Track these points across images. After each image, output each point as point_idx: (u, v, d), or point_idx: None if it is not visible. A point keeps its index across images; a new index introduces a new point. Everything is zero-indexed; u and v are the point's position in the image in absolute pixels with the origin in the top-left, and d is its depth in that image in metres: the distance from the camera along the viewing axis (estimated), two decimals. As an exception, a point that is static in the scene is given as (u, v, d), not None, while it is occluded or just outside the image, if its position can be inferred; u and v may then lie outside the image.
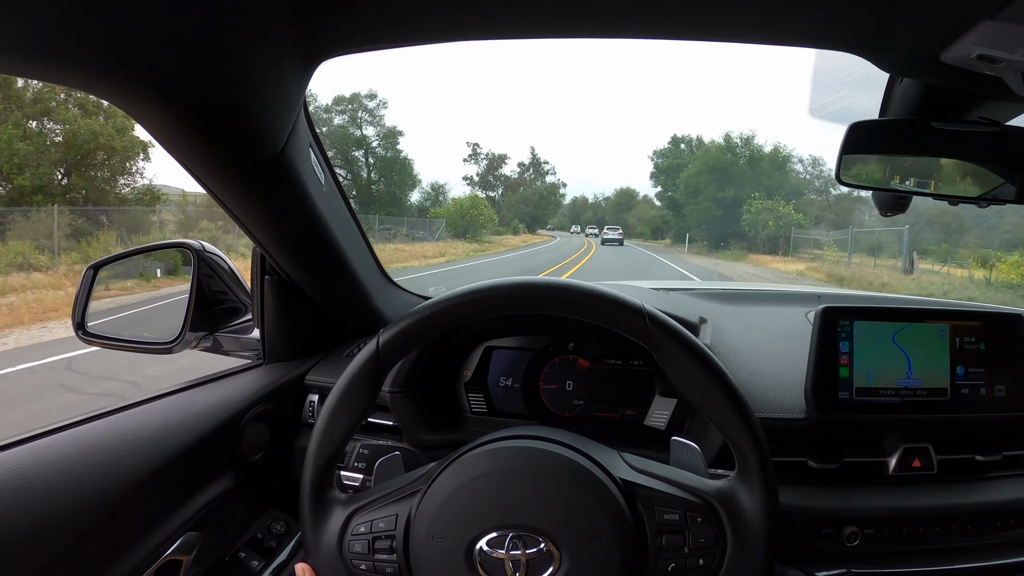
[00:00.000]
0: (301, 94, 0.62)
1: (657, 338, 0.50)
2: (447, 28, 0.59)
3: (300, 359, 0.90)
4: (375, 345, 0.53)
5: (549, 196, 50.31)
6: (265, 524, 0.79)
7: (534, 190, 49.04)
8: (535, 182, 50.16)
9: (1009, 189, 0.64)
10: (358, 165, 28.36)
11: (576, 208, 68.40)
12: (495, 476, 0.50)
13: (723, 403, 0.50)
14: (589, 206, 67.75)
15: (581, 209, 67.57)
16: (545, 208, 49.80)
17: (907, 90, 0.63)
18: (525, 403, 0.88)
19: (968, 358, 0.71)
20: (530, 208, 47.44)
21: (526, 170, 50.92)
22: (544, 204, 49.61)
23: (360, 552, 0.52)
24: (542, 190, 49.47)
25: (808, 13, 0.54)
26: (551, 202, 51.00)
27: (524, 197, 48.01)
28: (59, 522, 0.54)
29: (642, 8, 0.54)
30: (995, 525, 0.71)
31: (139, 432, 0.65)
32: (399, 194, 28.92)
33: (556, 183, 52.20)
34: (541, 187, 49.83)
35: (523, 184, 49.29)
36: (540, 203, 48.79)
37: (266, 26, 0.50)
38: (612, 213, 55.89)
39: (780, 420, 0.72)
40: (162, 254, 0.93)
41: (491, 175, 49.42)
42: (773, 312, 1.02)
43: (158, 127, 0.55)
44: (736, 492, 0.50)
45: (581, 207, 68.13)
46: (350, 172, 27.83)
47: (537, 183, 50.02)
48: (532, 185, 49.61)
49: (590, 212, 65.92)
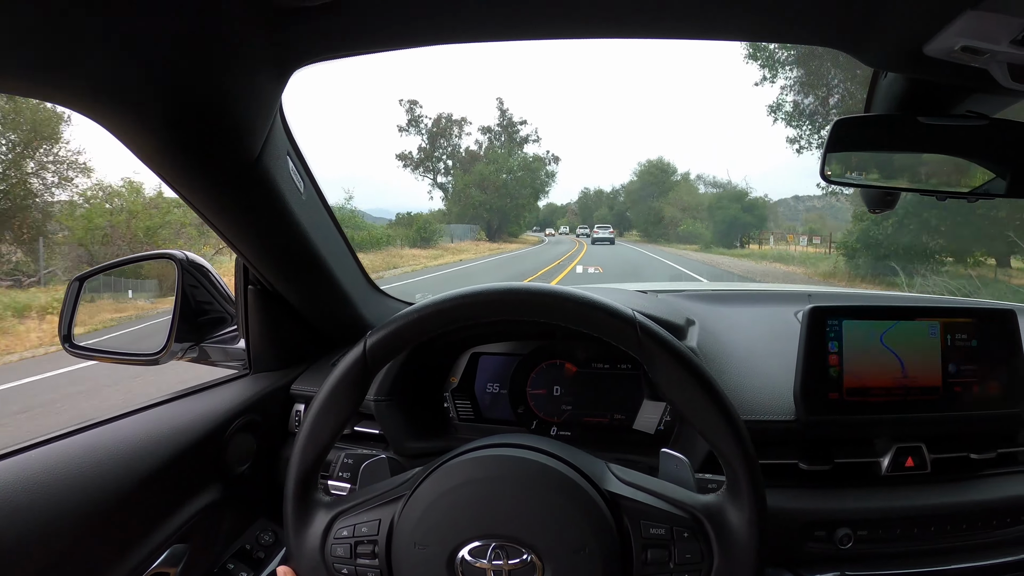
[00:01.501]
0: (276, 102, 0.62)
1: (648, 348, 0.50)
2: (424, 33, 0.58)
3: (286, 369, 0.89)
4: (362, 348, 0.52)
5: (529, 176, 31.97)
6: (253, 535, 0.79)
7: (502, 165, 30.94)
8: (508, 154, 32.35)
9: (999, 183, 0.62)
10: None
11: (588, 203, 61.82)
12: (479, 484, 0.50)
13: (713, 417, 0.49)
14: (605, 198, 59.65)
15: (595, 204, 60.77)
16: (521, 197, 31.40)
17: (892, 85, 0.62)
18: (513, 409, 0.87)
19: (960, 355, 0.70)
20: (494, 196, 29.92)
21: (495, 137, 34.13)
22: (519, 188, 31.05)
23: (342, 556, 0.52)
24: (516, 166, 31.57)
25: (790, 8, 0.53)
26: (533, 186, 32.25)
27: (482, 178, 29.52)
28: (42, 537, 0.54)
29: (622, 6, 0.53)
30: (990, 524, 0.70)
31: (123, 445, 0.65)
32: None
33: (544, 158, 33.99)
34: (517, 161, 32.06)
35: (491, 158, 31.66)
36: (514, 188, 30.70)
37: (240, 35, 0.50)
38: (638, 203, 41.89)
39: (770, 422, 0.71)
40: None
41: (438, 151, 32.85)
42: (762, 312, 1.01)
43: (131, 137, 0.54)
44: (724, 507, 0.50)
45: (595, 202, 61.38)
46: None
47: (512, 158, 32.37)
48: (503, 159, 31.80)
49: (604, 207, 57.42)
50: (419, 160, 34.25)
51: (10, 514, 0.53)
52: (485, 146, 34.66)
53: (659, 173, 40.99)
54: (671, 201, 35.00)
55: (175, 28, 0.45)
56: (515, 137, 35.04)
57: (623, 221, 50.69)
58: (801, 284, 2.40)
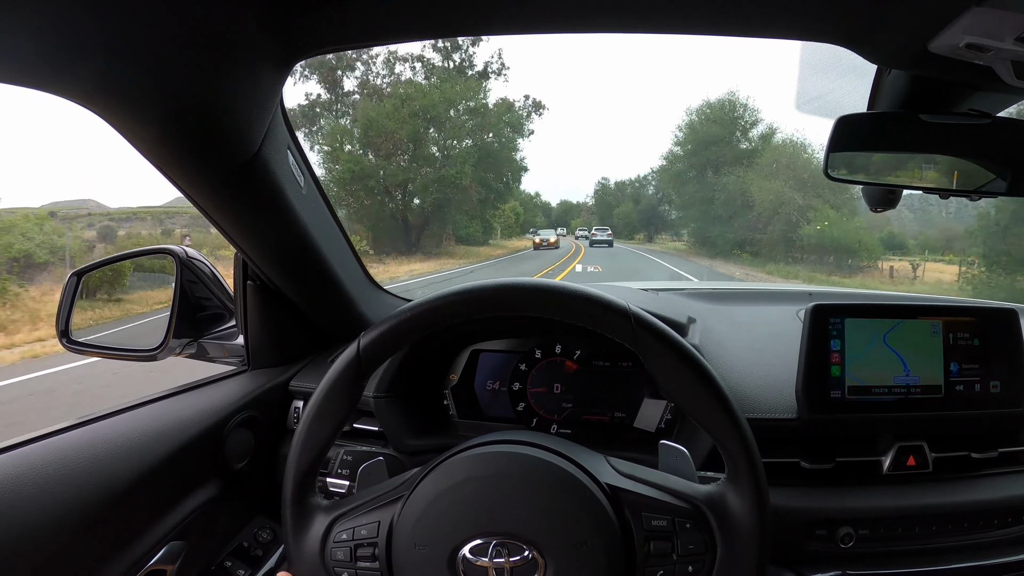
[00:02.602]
0: (277, 94, 0.62)
1: (643, 339, 0.49)
2: (426, 24, 0.58)
3: (285, 365, 0.89)
4: (356, 348, 0.52)
5: (497, 125, 17.92)
6: (251, 532, 0.79)
7: (433, 98, 16.56)
8: (452, 87, 17.15)
9: (1000, 182, 0.63)
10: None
11: (607, 198, 52.89)
12: (478, 482, 0.50)
13: (710, 405, 0.49)
14: (629, 189, 50.09)
15: (615, 199, 51.65)
16: (457, 188, 16.49)
17: (895, 82, 0.62)
18: (513, 407, 0.87)
19: (962, 354, 0.70)
20: (413, 162, 16.29)
21: (429, 72, 18.38)
22: (478, 152, 17.21)
23: (342, 560, 0.51)
24: (465, 97, 17.30)
25: (794, 5, 0.52)
26: (501, 158, 18.43)
27: (386, 118, 15.41)
28: (38, 533, 0.53)
29: (630, 1, 0.53)
30: (992, 523, 0.70)
31: (120, 440, 0.64)
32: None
33: (517, 107, 18.95)
34: (466, 91, 17.48)
35: (408, 92, 16.57)
36: (466, 153, 16.90)
37: (241, 27, 0.50)
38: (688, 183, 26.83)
39: (771, 420, 0.71)
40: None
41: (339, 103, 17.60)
42: (764, 311, 1.01)
43: (132, 131, 0.54)
44: (725, 497, 0.49)
45: (615, 196, 52.14)
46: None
47: (456, 84, 17.66)
48: (439, 89, 17.16)
49: (629, 202, 45.70)
50: (320, 108, 19.28)
51: (7, 509, 0.52)
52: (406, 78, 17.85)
53: (729, 123, 21.42)
54: (765, 169, 16.85)
55: (176, 22, 0.45)
56: (464, 59, 19.28)
57: (653, 220, 34.27)
58: (801, 285, 2.36)
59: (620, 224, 37.78)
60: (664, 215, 33.38)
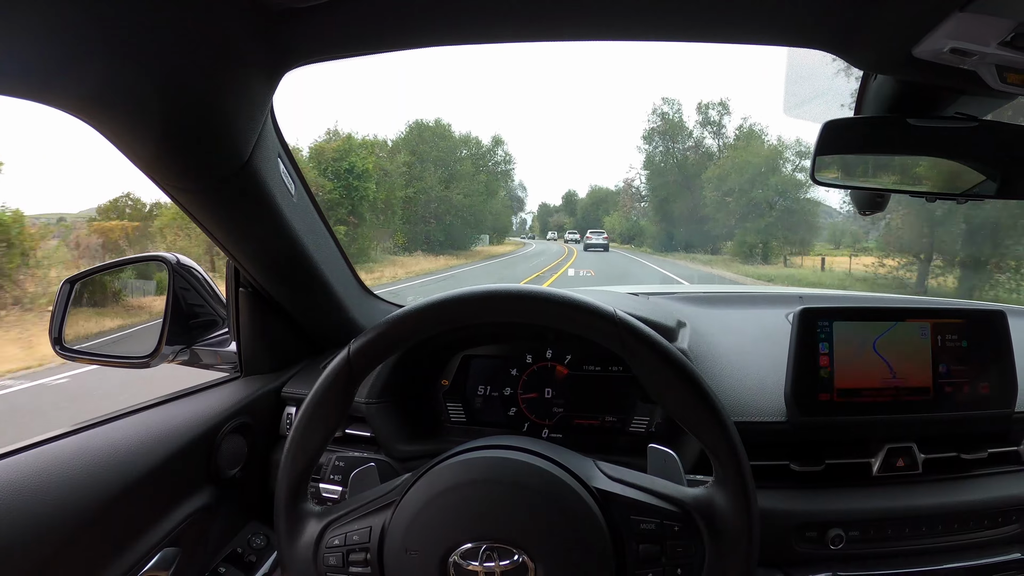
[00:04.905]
0: (267, 103, 0.62)
1: (630, 344, 0.50)
2: (416, 34, 0.58)
3: (277, 371, 0.89)
4: (346, 355, 0.52)
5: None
6: (245, 538, 0.79)
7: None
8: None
9: (989, 184, 0.63)
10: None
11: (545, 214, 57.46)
12: (468, 487, 0.50)
13: (697, 409, 0.49)
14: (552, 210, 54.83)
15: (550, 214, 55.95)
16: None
17: (882, 87, 0.62)
18: (504, 412, 0.87)
19: (950, 356, 0.70)
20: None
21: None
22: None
23: (335, 565, 0.52)
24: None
25: (779, 11, 0.53)
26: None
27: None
28: (32, 540, 0.53)
29: (613, 9, 0.53)
30: (981, 523, 0.70)
31: (113, 447, 0.65)
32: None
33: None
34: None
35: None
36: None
37: (232, 36, 0.50)
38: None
39: (760, 424, 0.71)
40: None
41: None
42: (753, 314, 1.01)
43: (124, 140, 0.55)
44: (713, 499, 0.50)
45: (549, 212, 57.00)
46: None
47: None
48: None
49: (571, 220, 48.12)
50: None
51: (1, 517, 0.52)
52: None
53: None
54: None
55: (168, 32, 0.45)
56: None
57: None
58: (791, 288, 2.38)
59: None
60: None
